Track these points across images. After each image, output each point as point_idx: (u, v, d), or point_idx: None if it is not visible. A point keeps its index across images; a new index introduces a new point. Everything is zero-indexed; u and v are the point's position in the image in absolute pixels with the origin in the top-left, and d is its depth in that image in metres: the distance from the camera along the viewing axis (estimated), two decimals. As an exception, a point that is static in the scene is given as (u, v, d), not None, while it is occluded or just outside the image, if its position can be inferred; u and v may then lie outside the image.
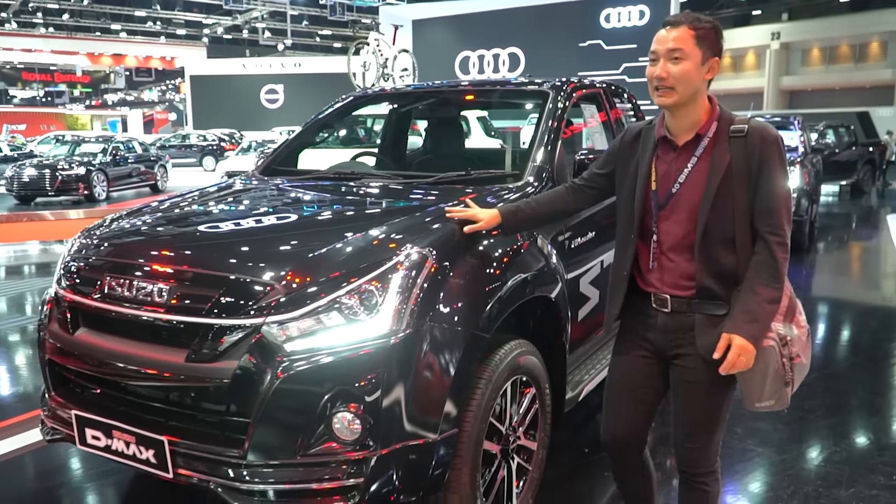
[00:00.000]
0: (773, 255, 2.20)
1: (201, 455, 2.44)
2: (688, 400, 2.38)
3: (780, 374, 2.26)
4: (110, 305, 2.64)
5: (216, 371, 2.40)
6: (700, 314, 2.29)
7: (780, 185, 2.20)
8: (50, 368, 2.89)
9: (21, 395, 4.83)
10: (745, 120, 2.27)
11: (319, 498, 2.36)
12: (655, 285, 2.36)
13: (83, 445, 2.70)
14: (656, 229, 2.34)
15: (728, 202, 2.22)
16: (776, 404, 2.30)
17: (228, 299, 2.45)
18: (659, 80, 2.23)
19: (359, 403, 2.34)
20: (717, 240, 2.24)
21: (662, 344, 2.38)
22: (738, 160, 2.21)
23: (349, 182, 3.64)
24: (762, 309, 2.19)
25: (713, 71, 2.25)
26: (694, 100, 2.25)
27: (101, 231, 3.08)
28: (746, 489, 3.46)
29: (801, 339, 2.33)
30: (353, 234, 2.69)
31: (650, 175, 2.34)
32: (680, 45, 2.20)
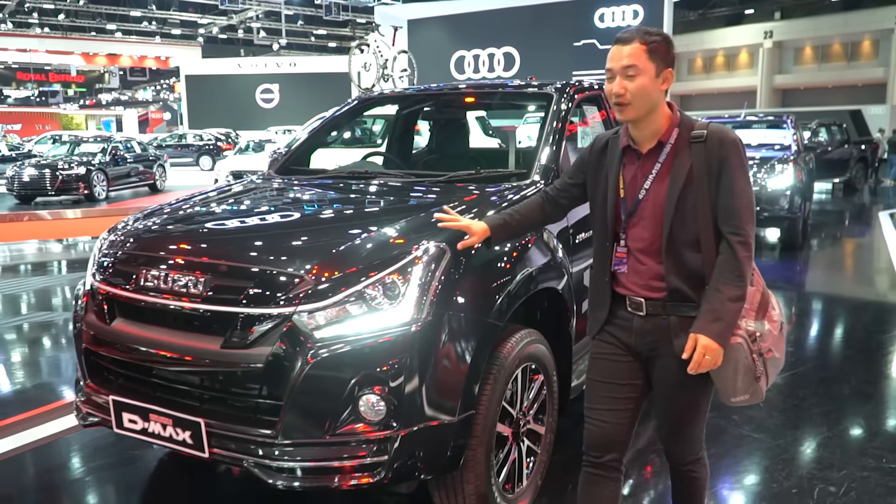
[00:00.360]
0: (735, 254, 2.25)
1: (235, 435, 2.61)
2: (669, 399, 2.45)
3: (750, 370, 2.31)
4: (147, 297, 2.81)
5: (250, 357, 2.56)
6: (675, 316, 2.34)
7: (739, 185, 2.26)
8: (86, 357, 3.05)
9: (24, 391, 4.97)
10: (704, 125, 2.34)
11: (347, 474, 2.53)
12: (630, 288, 2.42)
13: (119, 429, 2.86)
14: (625, 235, 2.40)
15: (691, 205, 2.28)
16: (751, 398, 2.37)
17: (261, 290, 2.62)
18: (617, 97, 2.30)
19: (383, 387, 2.51)
20: (682, 242, 2.31)
21: (640, 346, 2.43)
22: (699, 164, 2.27)
23: (364, 181, 3.81)
24: (725, 307, 2.23)
25: (668, 82, 2.32)
26: (653, 111, 2.32)
27: (133, 227, 3.24)
28: (744, 472, 3.63)
29: (774, 334, 2.39)
30: (374, 229, 2.87)
31: (619, 183, 2.41)
32: (633, 61, 2.27)
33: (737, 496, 3.41)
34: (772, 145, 11.14)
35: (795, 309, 7.26)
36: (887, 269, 9.07)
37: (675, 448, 2.54)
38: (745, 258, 2.26)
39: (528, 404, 3.10)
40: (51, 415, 4.39)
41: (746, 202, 2.28)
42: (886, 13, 37.43)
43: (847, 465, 3.70)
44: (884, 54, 38.95)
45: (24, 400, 4.76)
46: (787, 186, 9.70)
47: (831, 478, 3.55)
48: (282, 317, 2.56)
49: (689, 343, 2.27)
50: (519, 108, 8.59)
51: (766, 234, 11.55)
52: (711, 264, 2.28)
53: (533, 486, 3.19)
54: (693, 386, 2.39)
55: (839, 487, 3.45)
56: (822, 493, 3.39)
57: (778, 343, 2.41)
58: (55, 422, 4.26)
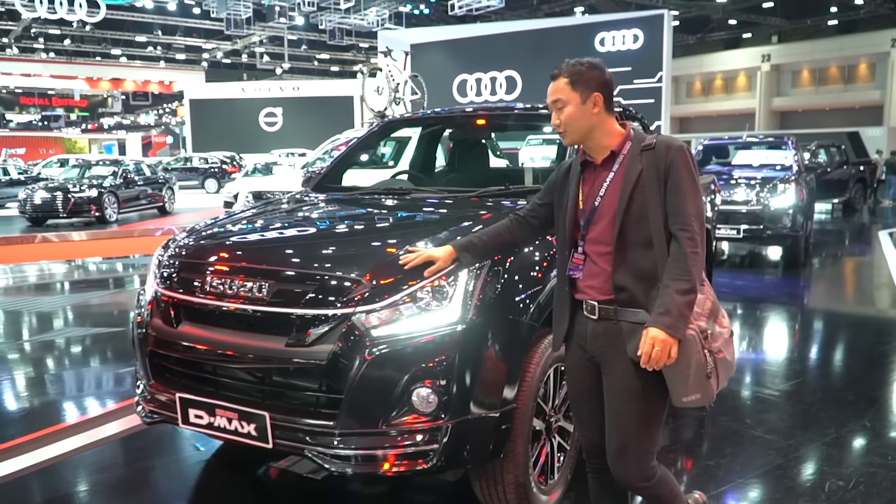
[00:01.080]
0: (683, 249, 2.34)
1: (298, 426, 2.85)
2: (619, 408, 2.49)
3: (701, 365, 2.38)
4: (214, 301, 3.06)
5: (313, 354, 2.81)
6: (624, 322, 2.45)
7: (686, 185, 2.39)
8: (150, 359, 3.29)
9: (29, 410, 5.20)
10: (654, 136, 2.51)
11: (401, 461, 2.77)
12: (585, 292, 2.55)
13: (185, 424, 3.10)
14: (583, 241, 2.54)
15: (640, 206, 2.41)
16: (702, 398, 2.42)
17: (322, 294, 2.88)
18: (555, 127, 2.53)
19: (433, 381, 2.76)
20: (634, 241, 2.43)
21: (594, 350, 2.54)
22: (649, 169, 2.42)
23: (399, 197, 4.09)
24: (673, 300, 2.30)
25: (598, 105, 2.47)
26: (594, 132, 2.50)
27: (193, 240, 3.50)
28: (758, 469, 3.86)
29: (724, 337, 2.49)
30: (425, 237, 3.13)
31: (578, 195, 2.57)
32: (558, 94, 2.49)
33: (752, 491, 3.63)
34: (773, 166, 11.44)
35: (800, 322, 7.51)
36: (888, 285, 9.33)
37: (623, 469, 2.52)
38: (692, 253, 2.34)
39: (559, 402, 3.34)
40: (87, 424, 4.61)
41: (693, 200, 2.39)
42: (882, 36, 38.02)
43: (854, 462, 3.94)
44: (880, 77, 39.48)
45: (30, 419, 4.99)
46: (790, 205, 9.99)
47: (840, 473, 3.78)
48: (341, 317, 2.82)
49: (643, 338, 2.33)
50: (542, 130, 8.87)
51: (770, 251, 11.83)
52: (664, 263, 2.38)
53: (563, 479, 3.42)
54: (644, 394, 2.45)
55: (848, 482, 3.69)
56: (832, 487, 3.63)
57: (727, 346, 2.50)
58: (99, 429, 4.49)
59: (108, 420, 4.62)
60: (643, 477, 2.52)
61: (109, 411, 4.80)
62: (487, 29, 30.05)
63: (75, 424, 4.58)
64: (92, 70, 52.38)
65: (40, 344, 6.69)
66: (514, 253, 3.09)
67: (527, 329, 3.03)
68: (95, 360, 6.21)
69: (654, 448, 2.54)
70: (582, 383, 2.65)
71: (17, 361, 6.09)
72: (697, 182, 2.45)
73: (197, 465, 4.05)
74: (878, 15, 37.75)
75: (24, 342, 6.79)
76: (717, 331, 2.48)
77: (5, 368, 5.83)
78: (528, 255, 3.17)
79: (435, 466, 2.78)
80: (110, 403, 5.01)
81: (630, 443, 2.48)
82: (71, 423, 4.60)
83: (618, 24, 25.53)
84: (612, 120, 2.54)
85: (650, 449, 2.52)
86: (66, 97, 59.01)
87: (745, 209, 10.11)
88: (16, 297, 9.17)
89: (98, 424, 4.56)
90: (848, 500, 3.52)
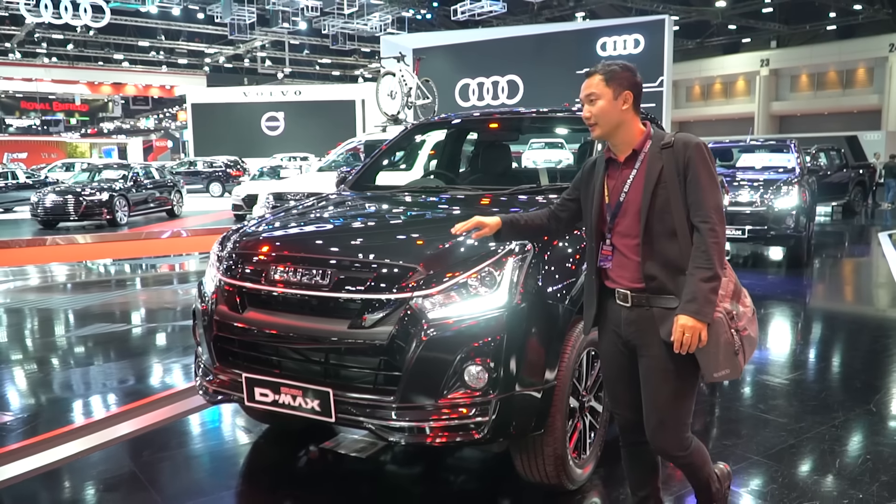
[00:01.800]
0: (705, 239, 2.55)
1: (359, 401, 3.13)
2: (657, 387, 2.70)
3: (730, 343, 2.60)
4: (279, 289, 3.35)
5: (374, 335, 3.10)
6: (657, 307, 2.66)
7: (705, 180, 2.59)
8: (215, 344, 3.57)
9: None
10: (672, 135, 2.71)
11: (455, 431, 3.05)
12: (617, 282, 2.75)
13: (251, 402, 3.38)
14: (610, 234, 2.76)
15: (664, 200, 2.61)
16: (731, 373, 2.65)
17: (382, 280, 3.17)
18: (586, 120, 2.75)
19: (484, 359, 3.04)
20: (659, 233, 2.63)
21: (628, 335, 2.75)
22: (669, 165, 2.62)
23: (436, 194, 4.38)
24: (699, 288, 2.52)
25: (628, 102, 2.70)
26: (620, 127, 2.71)
27: (253, 234, 3.79)
28: (771, 448, 4.13)
29: (748, 315, 2.72)
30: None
31: (603, 191, 2.79)
32: (592, 89, 2.70)
33: (767, 467, 3.90)
34: (776, 168, 11.74)
35: (804, 318, 7.80)
36: (888, 284, 9.62)
37: (662, 442, 2.75)
38: (712, 243, 2.54)
39: (590, 383, 3.62)
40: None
41: (712, 194, 2.59)
42: (880, 41, 38.40)
43: (862, 441, 4.23)
44: (878, 82, 39.86)
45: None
46: (793, 206, 10.28)
47: (848, 451, 4.08)
48: (400, 301, 3.10)
49: (673, 326, 2.55)
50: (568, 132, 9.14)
51: (773, 252, 12.13)
52: (688, 251, 2.59)
53: (594, 455, 3.70)
54: (681, 373, 2.67)
55: (856, 459, 3.98)
56: (842, 463, 3.92)
57: (752, 324, 2.73)
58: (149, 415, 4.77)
59: (156, 407, 4.89)
60: (681, 447, 2.76)
61: (160, 398, 5.08)
62: (489, 34, 30.38)
63: (128, 410, 4.86)
64: (93, 75, 52.71)
65: (96, 336, 6.96)
66: (551, 246, 3.37)
67: (564, 314, 3.30)
68: (150, 350, 6.49)
69: (689, 420, 2.77)
70: (617, 366, 2.87)
71: (70, 354, 6.37)
72: (715, 176, 2.65)
73: (244, 446, 4.33)
74: (876, 20, 38.17)
75: (75, 337, 7.06)
76: (740, 310, 2.71)
77: (61, 361, 6.11)
78: (563, 249, 3.45)
79: (485, 437, 3.06)
80: (162, 391, 5.28)
81: (667, 418, 2.71)
82: (122, 410, 4.88)
83: (619, 29, 25.89)
84: (637, 120, 2.75)
85: (685, 421, 2.75)
86: (66, 102, 59.25)
87: (749, 210, 10.40)
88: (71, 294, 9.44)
89: (147, 411, 4.83)
90: (857, 474, 3.80)
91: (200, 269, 11.29)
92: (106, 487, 3.76)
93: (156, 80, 54.92)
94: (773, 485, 3.67)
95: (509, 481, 3.68)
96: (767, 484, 3.69)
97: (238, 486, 3.87)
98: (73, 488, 3.78)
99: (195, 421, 4.69)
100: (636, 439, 2.92)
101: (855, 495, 3.57)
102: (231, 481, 3.94)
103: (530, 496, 3.59)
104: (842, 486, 3.69)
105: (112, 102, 62.47)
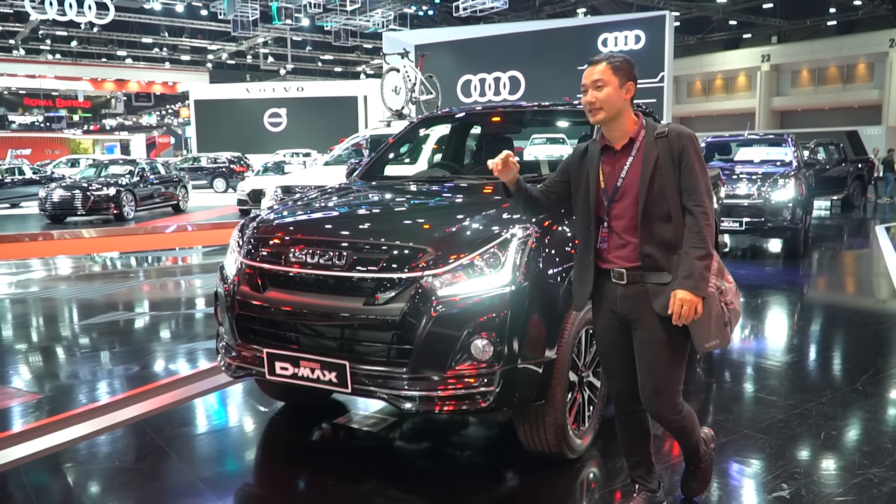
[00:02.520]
0: (698, 221, 2.78)
1: (373, 373, 3.37)
2: (651, 357, 2.92)
3: (720, 315, 2.88)
4: (298, 269, 3.58)
5: (388, 311, 3.33)
6: (650, 283, 2.88)
7: (696, 167, 2.82)
8: (237, 322, 3.80)
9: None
10: (665, 125, 2.93)
11: (463, 400, 3.29)
12: (613, 262, 2.95)
13: (272, 376, 3.61)
14: (608, 217, 2.95)
15: (660, 186, 2.82)
16: (721, 342, 2.91)
17: (395, 261, 3.41)
18: (590, 105, 2.90)
19: (489, 333, 3.27)
20: (655, 216, 2.84)
21: (624, 311, 2.95)
22: (664, 153, 2.83)
23: (443, 183, 4.62)
24: (694, 265, 2.75)
25: (630, 92, 2.91)
26: (620, 116, 2.90)
27: (272, 220, 4.03)
28: (762, 423, 4.36)
29: (732, 290, 2.98)
30: (475, 215, 3.65)
31: (599, 177, 2.97)
32: (601, 76, 2.88)
33: (756, 440, 4.13)
34: (774, 162, 11.97)
35: (799, 306, 8.03)
36: (883, 274, 9.84)
37: (658, 407, 2.98)
38: (704, 224, 2.78)
39: (588, 360, 3.84)
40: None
41: (703, 180, 2.82)
42: (880, 37, 38.53)
43: (847, 417, 4.46)
44: (878, 77, 39.97)
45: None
46: (789, 199, 10.51)
47: (835, 426, 4.30)
48: (411, 280, 3.33)
49: (671, 300, 2.79)
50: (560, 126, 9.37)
51: (770, 243, 12.35)
52: (682, 232, 2.82)
53: (592, 427, 3.93)
54: (673, 343, 2.90)
55: (840, 432, 4.23)
56: (827, 435, 4.15)
57: (736, 298, 3.00)
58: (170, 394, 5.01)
59: (177, 386, 5.13)
60: (674, 411, 3.00)
61: (180, 378, 5.31)
62: (491, 30, 30.53)
63: (150, 389, 5.09)
64: (96, 71, 52.87)
65: (130, 321, 7.21)
66: (551, 231, 3.60)
67: (564, 294, 3.52)
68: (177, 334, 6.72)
69: (681, 386, 3.01)
70: (611, 341, 3.08)
71: (97, 339, 6.62)
72: (704, 164, 2.89)
73: (261, 422, 4.56)
74: (876, 15, 38.33)
75: (101, 323, 7.31)
76: (726, 286, 2.96)
77: (90, 346, 6.37)
78: (563, 233, 3.68)
79: (490, 406, 3.29)
80: (190, 369, 5.54)
81: (662, 385, 2.94)
82: (145, 388, 5.11)
83: (620, 24, 26.01)
84: (632, 111, 2.97)
85: (678, 387, 3.00)
86: (69, 98, 59.42)
87: (746, 203, 10.63)
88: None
89: (168, 390, 5.07)
90: (840, 445, 4.06)
91: (209, 261, 11.54)
92: (138, 457, 4.01)
93: (158, 77, 55.09)
94: (761, 454, 3.90)
95: (512, 456, 3.91)
96: (757, 454, 3.91)
97: (257, 457, 4.12)
98: (112, 456, 4.01)
99: (214, 400, 4.93)
100: (630, 408, 3.13)
101: (839, 464, 3.81)
102: (250, 453, 4.19)
103: (532, 467, 3.81)
104: (827, 455, 3.93)
105: (114, 99, 62.65)
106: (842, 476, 3.68)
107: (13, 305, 8.34)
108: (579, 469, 3.75)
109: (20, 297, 8.89)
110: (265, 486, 3.79)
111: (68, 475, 3.82)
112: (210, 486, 3.69)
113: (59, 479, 3.80)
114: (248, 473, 3.96)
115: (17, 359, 6.04)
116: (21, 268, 11.26)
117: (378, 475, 3.82)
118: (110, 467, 3.89)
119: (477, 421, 4.45)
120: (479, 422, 4.44)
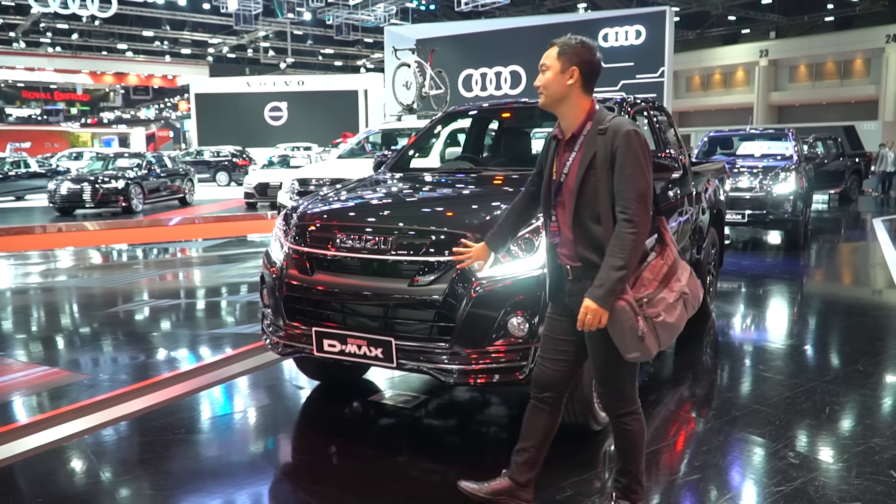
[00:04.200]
0: (620, 230, 2.64)
1: (417, 349, 3.66)
2: (597, 351, 2.87)
3: (633, 330, 2.67)
4: (345, 253, 3.88)
5: (431, 291, 3.62)
6: (590, 281, 2.73)
7: (629, 168, 2.65)
8: (286, 304, 4.08)
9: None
10: (609, 119, 2.76)
11: (501, 373, 3.59)
12: (561, 259, 2.93)
13: (319, 353, 3.90)
14: (554, 212, 2.91)
15: (592, 186, 2.72)
16: (641, 356, 2.74)
17: (438, 246, 3.70)
18: (537, 88, 2.88)
19: (524, 311, 3.56)
20: (587, 217, 2.75)
21: (572, 306, 2.85)
22: (601, 151, 2.70)
23: (470, 174, 4.92)
24: (608, 276, 2.64)
25: (574, 77, 2.77)
26: (563, 103, 2.81)
27: (317, 207, 4.32)
28: (770, 398, 4.66)
29: (668, 301, 2.75)
30: (507, 203, 3.93)
31: (552, 168, 2.91)
32: (545, 60, 2.82)
33: (766, 414, 4.42)
34: (775, 156, 12.27)
35: (801, 294, 8.34)
36: (881, 265, 10.15)
37: (606, 397, 2.97)
38: (626, 234, 2.63)
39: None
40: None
41: (634, 184, 2.64)
42: (877, 32, 38.86)
43: (849, 393, 4.77)
44: (875, 72, 40.31)
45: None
46: (790, 192, 10.82)
47: (838, 401, 4.61)
48: (452, 263, 3.61)
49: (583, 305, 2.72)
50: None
51: (772, 235, 12.66)
52: (610, 237, 2.69)
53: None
54: (609, 343, 2.76)
55: (843, 406, 4.54)
56: (831, 409, 4.46)
57: (671, 309, 2.76)
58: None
59: (218, 367, 5.43)
60: (625, 401, 2.93)
61: (226, 357, 5.61)
62: (492, 25, 30.71)
63: (191, 370, 5.39)
64: (96, 64, 52.90)
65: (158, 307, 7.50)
66: None
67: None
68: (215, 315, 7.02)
69: (630, 378, 2.92)
70: (554, 331, 3.03)
71: (133, 324, 6.91)
72: (643, 165, 2.68)
73: (299, 400, 4.87)
74: (873, 12, 38.69)
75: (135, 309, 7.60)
76: (659, 297, 2.76)
77: (124, 332, 6.67)
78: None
79: (527, 378, 3.58)
80: (229, 350, 5.84)
81: (608, 374, 2.91)
82: (189, 369, 5.41)
83: (621, 20, 26.19)
84: (585, 100, 2.82)
85: (625, 379, 2.91)
86: (67, 91, 59.51)
87: (748, 196, 10.93)
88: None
89: (213, 369, 5.36)
90: (843, 417, 4.38)
91: (232, 252, 11.82)
92: (187, 430, 4.30)
93: (158, 70, 55.15)
94: (771, 427, 4.20)
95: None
96: (765, 426, 4.21)
97: (295, 431, 4.43)
98: (163, 429, 4.30)
99: (251, 381, 5.21)
100: (539, 395, 3.08)
101: (842, 434, 4.13)
102: (289, 427, 4.49)
103: (557, 438, 4.07)
104: (830, 427, 4.25)
105: (113, 92, 62.79)
106: (845, 444, 3.99)
107: (46, 294, 8.63)
108: (602, 440, 4.04)
109: (49, 286, 9.18)
110: (312, 456, 4.09)
111: (128, 445, 4.13)
112: (265, 457, 4.00)
113: (120, 448, 4.10)
114: (297, 445, 4.28)
115: (71, 343, 6.33)
116: (46, 258, 11.53)
117: (410, 448, 4.12)
118: (166, 440, 4.18)
119: (499, 399, 4.74)
120: (501, 400, 4.74)
